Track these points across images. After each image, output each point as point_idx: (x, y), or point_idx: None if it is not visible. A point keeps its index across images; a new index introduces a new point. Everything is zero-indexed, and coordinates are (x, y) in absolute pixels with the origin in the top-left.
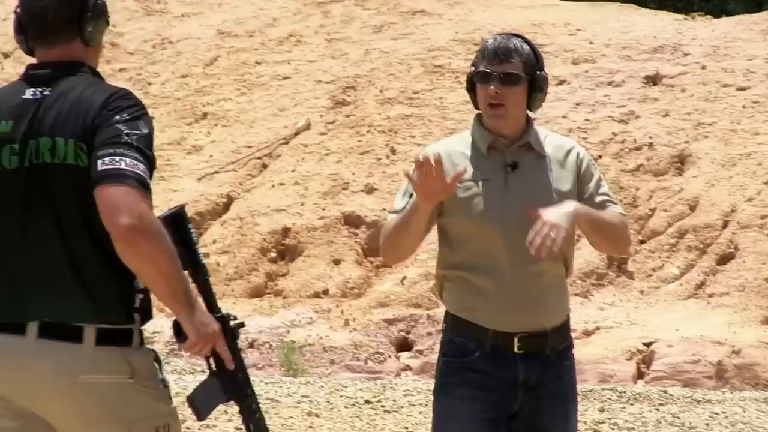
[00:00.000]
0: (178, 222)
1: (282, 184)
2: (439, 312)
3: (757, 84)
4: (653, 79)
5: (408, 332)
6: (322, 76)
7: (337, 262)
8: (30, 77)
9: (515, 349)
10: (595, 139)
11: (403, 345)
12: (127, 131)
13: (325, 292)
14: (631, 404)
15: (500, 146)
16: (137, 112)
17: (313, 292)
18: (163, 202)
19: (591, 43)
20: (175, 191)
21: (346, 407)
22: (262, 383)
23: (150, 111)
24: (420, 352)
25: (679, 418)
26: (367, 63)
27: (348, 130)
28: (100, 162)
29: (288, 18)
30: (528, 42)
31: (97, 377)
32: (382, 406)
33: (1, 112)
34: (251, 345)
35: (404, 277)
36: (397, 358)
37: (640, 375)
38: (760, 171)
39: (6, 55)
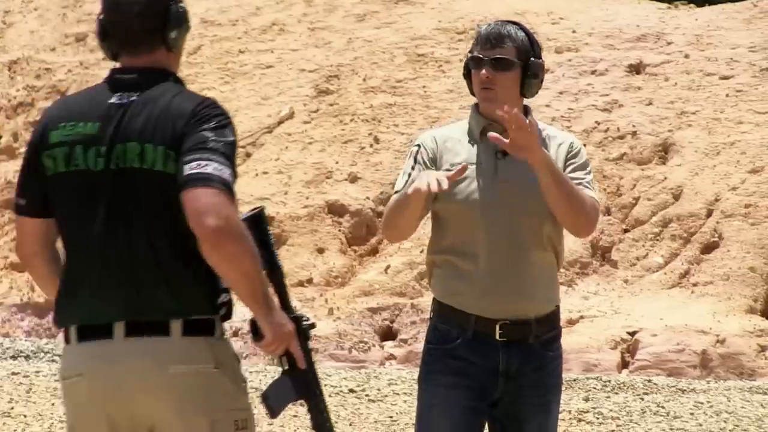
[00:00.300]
0: (258, 223)
1: (265, 172)
2: (423, 301)
3: (740, 73)
4: (636, 68)
5: (392, 321)
6: (305, 64)
7: (320, 251)
8: (114, 81)
9: (497, 337)
10: (579, 128)
11: (387, 334)
12: (214, 138)
13: (309, 281)
14: (616, 393)
15: (493, 132)
16: (223, 120)
17: (297, 281)
18: None
19: (574, 32)
20: None
21: (330, 396)
22: (246, 373)
23: None
24: (404, 341)
25: (663, 407)
26: (350, 52)
27: (331, 118)
28: (187, 166)
29: (271, 7)
30: (523, 29)
31: (185, 367)
32: (367, 395)
33: (87, 114)
34: (235, 334)
35: (388, 266)
36: (382, 347)
37: (624, 364)
38: (743, 160)
39: None
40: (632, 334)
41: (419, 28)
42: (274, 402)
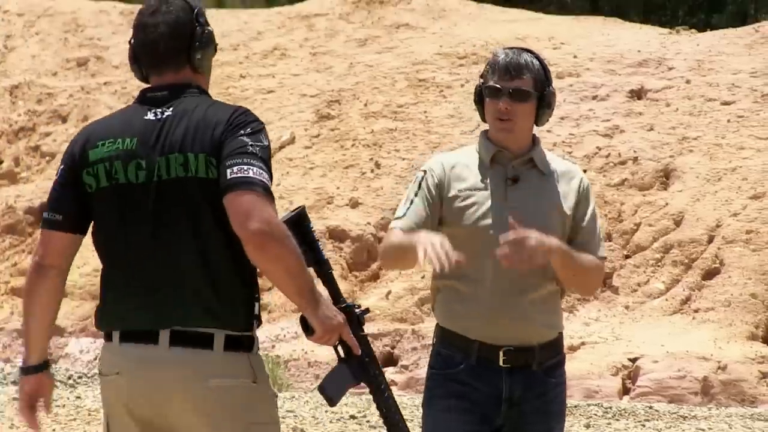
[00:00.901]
0: (301, 222)
1: None
2: (424, 327)
3: (741, 98)
4: (638, 94)
5: (393, 347)
6: (306, 89)
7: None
8: (147, 99)
9: (500, 363)
10: (580, 153)
11: (389, 360)
12: (251, 143)
13: None
14: (617, 420)
15: (503, 159)
16: (258, 126)
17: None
18: None
19: (575, 57)
20: None
21: (331, 422)
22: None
23: None
24: (405, 367)
25: None
26: (351, 77)
27: (332, 143)
28: (229, 171)
29: (272, 32)
30: (538, 57)
31: (225, 381)
32: (368, 422)
33: (124, 131)
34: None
35: (389, 292)
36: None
37: (625, 391)
38: (745, 186)
39: None
40: (633, 360)
41: (420, 53)
42: (332, 392)
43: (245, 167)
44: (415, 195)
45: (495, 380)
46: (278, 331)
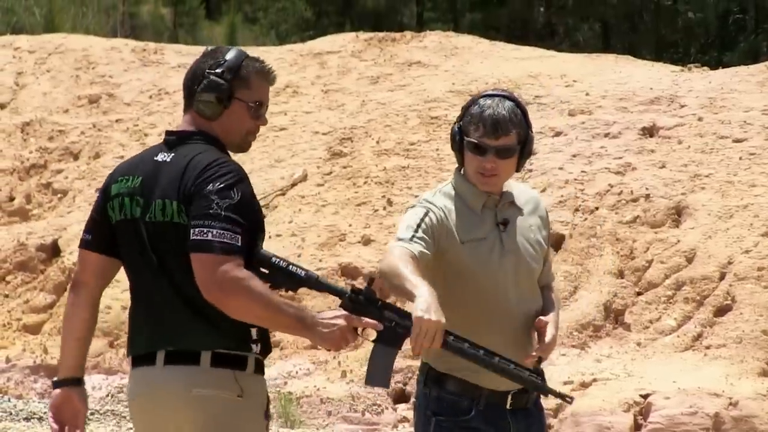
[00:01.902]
0: (264, 262)
1: (279, 235)
2: None
3: (753, 136)
4: (650, 131)
5: (405, 384)
6: (318, 127)
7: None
8: (165, 141)
9: (507, 406)
10: (592, 190)
11: (401, 397)
12: (218, 201)
13: None
14: None
15: (491, 204)
16: (231, 179)
17: (310, 343)
18: None
19: (587, 94)
20: None
21: None
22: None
23: None
24: None
25: None
26: (363, 114)
27: (345, 181)
28: (191, 232)
29: (284, 69)
30: (518, 104)
31: (207, 391)
32: None
33: (136, 169)
34: None
35: None
36: (395, 409)
37: (637, 427)
38: (756, 223)
39: (2, 106)
40: (645, 396)
41: (432, 91)
42: (377, 381)
43: (205, 230)
44: (419, 225)
45: (502, 423)
46: (290, 367)
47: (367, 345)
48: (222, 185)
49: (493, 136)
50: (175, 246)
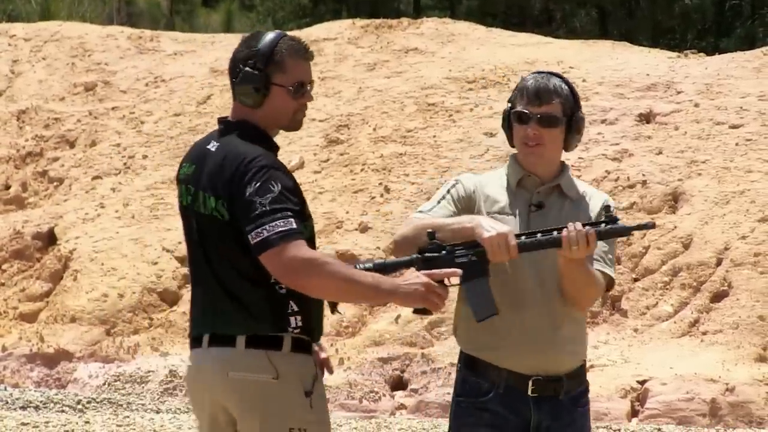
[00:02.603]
0: None
1: None
2: (434, 351)
3: (750, 122)
4: (646, 117)
5: (403, 371)
6: (315, 114)
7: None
8: (218, 129)
9: (529, 392)
10: (589, 177)
11: (398, 384)
12: (259, 201)
13: None
14: None
15: (529, 184)
16: (263, 174)
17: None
18: (156, 240)
19: (584, 81)
20: (168, 230)
21: None
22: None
23: (142, 150)
24: (415, 390)
25: None
26: (360, 101)
27: (342, 168)
28: (249, 237)
29: None
30: (566, 82)
31: (241, 374)
32: None
33: (192, 157)
34: None
35: (398, 316)
36: (392, 396)
37: (634, 413)
38: (753, 209)
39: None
40: (642, 382)
41: (429, 78)
42: (484, 310)
43: (259, 230)
44: (443, 198)
45: (523, 410)
46: None
47: (366, 332)
48: (259, 184)
49: (536, 102)
50: (215, 237)
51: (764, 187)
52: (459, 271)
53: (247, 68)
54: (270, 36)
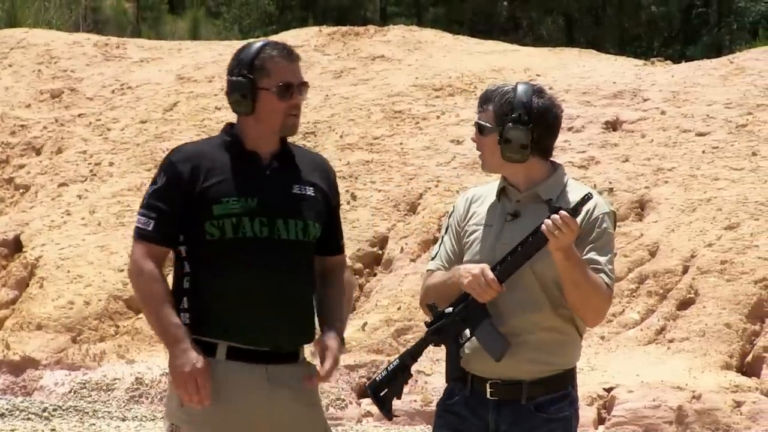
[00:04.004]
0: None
1: None
2: None
3: (716, 129)
4: (613, 125)
5: (369, 378)
6: None
7: None
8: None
9: (488, 395)
10: None
11: (364, 391)
12: (148, 190)
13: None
14: None
15: (510, 194)
16: (160, 167)
17: None
18: (122, 248)
19: (551, 88)
20: None
21: None
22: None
23: (109, 157)
24: None
25: None
26: (327, 108)
27: None
28: None
29: None
30: (530, 95)
31: None
32: None
33: None
34: None
35: (365, 323)
36: (359, 404)
37: (600, 421)
38: (719, 216)
39: None
40: (608, 390)
41: (396, 85)
42: (498, 348)
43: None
44: (445, 233)
45: (483, 412)
46: None
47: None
48: (154, 177)
49: (478, 109)
50: None
51: (731, 195)
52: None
53: (233, 77)
54: (255, 45)
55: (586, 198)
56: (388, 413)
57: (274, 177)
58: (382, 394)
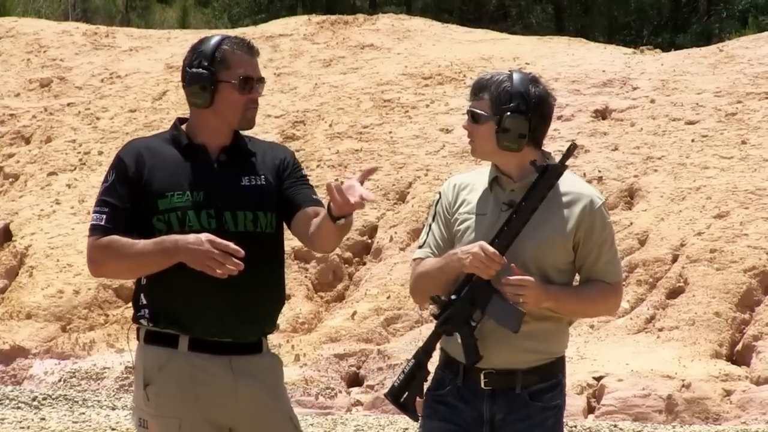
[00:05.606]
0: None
1: None
2: (390, 347)
3: (705, 118)
4: (602, 113)
5: (359, 367)
6: (271, 110)
7: (287, 297)
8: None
9: (482, 385)
10: None
11: (354, 380)
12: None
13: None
14: None
15: (503, 183)
16: (112, 163)
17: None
18: None
19: (540, 77)
20: None
21: None
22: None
23: (98, 146)
24: (371, 387)
25: None
26: (316, 97)
27: None
28: None
29: None
30: (527, 85)
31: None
32: None
33: None
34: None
35: (354, 312)
36: (348, 393)
37: (590, 409)
38: (709, 205)
39: None
40: (598, 379)
41: (385, 74)
42: (512, 322)
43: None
44: (433, 220)
45: (477, 402)
46: None
47: (321, 328)
48: (107, 171)
49: (471, 97)
50: None
51: (720, 184)
52: (238, 250)
53: (192, 69)
54: (213, 38)
55: (571, 148)
56: (413, 415)
57: (222, 170)
58: (402, 399)
